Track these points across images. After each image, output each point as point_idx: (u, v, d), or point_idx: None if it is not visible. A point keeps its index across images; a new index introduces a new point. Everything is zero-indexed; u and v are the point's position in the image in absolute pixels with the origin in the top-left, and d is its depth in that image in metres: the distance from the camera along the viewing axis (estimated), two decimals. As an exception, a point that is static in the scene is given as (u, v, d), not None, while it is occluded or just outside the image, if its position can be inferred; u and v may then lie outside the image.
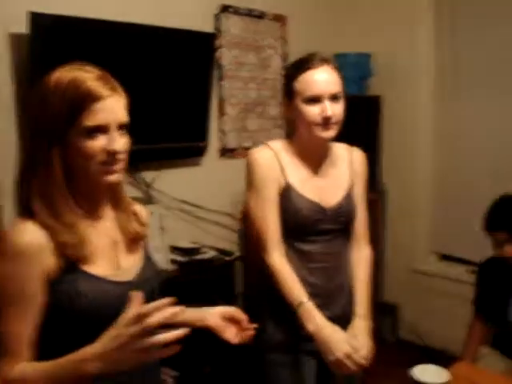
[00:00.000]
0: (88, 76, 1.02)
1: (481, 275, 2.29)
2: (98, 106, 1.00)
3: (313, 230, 1.61)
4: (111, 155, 1.02)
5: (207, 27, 2.86)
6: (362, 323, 1.61)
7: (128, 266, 1.13)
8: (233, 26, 3.00)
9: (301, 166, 1.64)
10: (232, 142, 3.10)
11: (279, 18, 3.26)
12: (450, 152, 3.34)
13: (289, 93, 1.59)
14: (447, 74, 3.30)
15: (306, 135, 1.60)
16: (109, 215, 1.14)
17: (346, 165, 1.71)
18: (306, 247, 1.62)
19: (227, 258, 2.75)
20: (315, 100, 1.53)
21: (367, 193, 1.79)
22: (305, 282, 1.58)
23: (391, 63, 3.42)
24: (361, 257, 1.75)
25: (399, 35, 3.39)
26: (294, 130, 1.65)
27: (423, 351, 3.24)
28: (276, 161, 1.61)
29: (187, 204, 2.86)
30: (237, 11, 3.02)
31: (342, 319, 1.62)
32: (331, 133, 1.56)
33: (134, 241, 1.16)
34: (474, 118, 3.19)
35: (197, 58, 2.70)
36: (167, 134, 2.68)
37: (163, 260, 2.49)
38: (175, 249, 2.64)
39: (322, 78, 1.53)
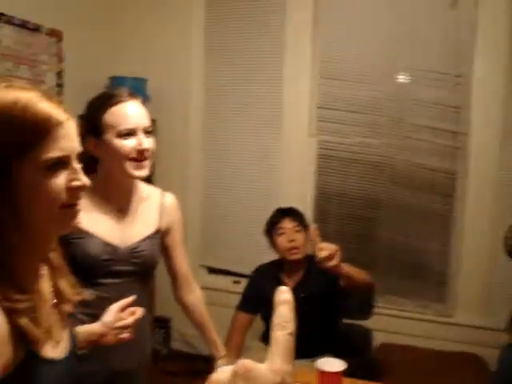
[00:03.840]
0: (35, 96, 0.82)
1: (251, 279, 2.64)
2: (59, 131, 0.83)
3: (101, 270, 1.50)
4: (76, 192, 0.85)
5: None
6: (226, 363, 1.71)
7: (63, 340, 0.98)
8: (5, 37, 2.85)
9: (99, 204, 1.54)
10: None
11: (55, 33, 3.20)
12: (218, 171, 3.70)
13: (95, 128, 1.48)
14: (215, 100, 3.65)
15: (114, 173, 1.52)
16: (44, 274, 0.95)
17: (156, 208, 1.65)
18: (96, 292, 1.48)
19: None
20: (129, 134, 1.47)
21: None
22: None
23: (165, 89, 3.63)
24: (197, 299, 1.80)
25: (173, 63, 3.64)
26: (96, 167, 1.56)
27: (194, 359, 3.49)
28: None
29: None
30: (10, 21, 2.87)
31: (125, 371, 1.57)
32: (145, 171, 1.51)
33: (65, 304, 1.00)
34: (236, 142, 3.61)
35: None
36: None
37: None
38: None
39: (135, 112, 1.49)
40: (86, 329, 1.32)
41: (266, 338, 2.46)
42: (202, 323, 1.81)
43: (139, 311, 1.32)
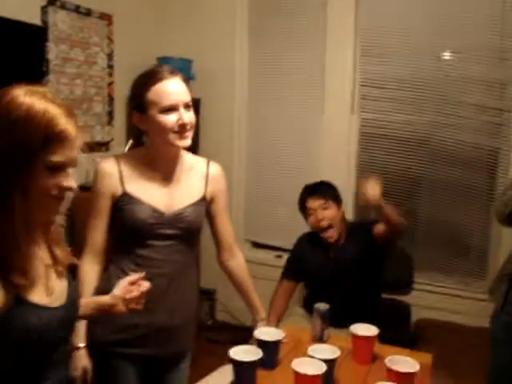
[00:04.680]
0: (59, 112, 1.05)
1: (295, 248, 2.73)
2: (68, 143, 1.06)
3: (149, 233, 1.63)
4: (64, 190, 1.08)
5: (33, 19, 2.82)
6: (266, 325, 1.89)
7: (59, 290, 1.17)
8: (60, 21, 3.00)
9: (147, 173, 1.67)
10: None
11: (105, 17, 3.34)
12: (261, 149, 3.80)
13: (140, 105, 1.60)
14: (258, 79, 3.75)
15: (159, 144, 1.64)
16: (40, 240, 1.17)
17: (201, 177, 1.76)
18: (145, 252, 1.64)
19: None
20: (171, 109, 1.57)
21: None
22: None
23: (210, 69, 3.74)
24: (239, 264, 1.91)
25: (218, 45, 3.74)
26: (143, 139, 1.69)
27: (238, 329, 3.64)
28: (116, 172, 1.64)
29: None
30: (64, 6, 3.02)
31: (169, 327, 1.70)
32: (188, 141, 1.62)
33: (59, 265, 1.19)
34: (279, 120, 3.70)
35: (25, 52, 2.68)
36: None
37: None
38: None
39: (176, 89, 1.59)
40: (96, 299, 1.47)
41: (308, 304, 2.56)
42: (243, 287, 1.92)
43: (145, 284, 1.43)
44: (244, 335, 2.51)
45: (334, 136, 3.50)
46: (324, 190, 2.60)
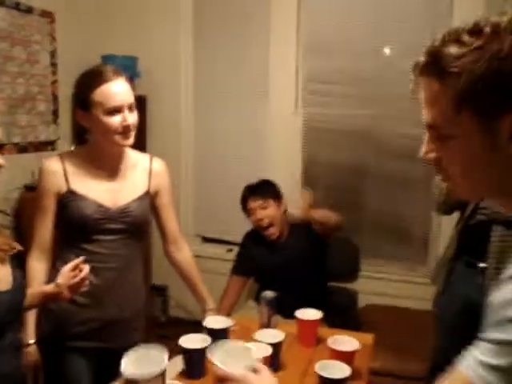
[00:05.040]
0: None
1: (242, 245, 2.79)
2: None
3: (95, 228, 1.66)
4: None
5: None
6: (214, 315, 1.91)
7: (4, 275, 1.22)
8: (0, 19, 2.95)
9: (92, 170, 1.70)
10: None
11: (47, 14, 3.29)
12: (208, 145, 3.84)
13: (84, 103, 1.63)
14: (204, 78, 3.78)
15: (103, 143, 1.68)
16: None
17: (145, 172, 1.81)
18: (91, 247, 1.67)
19: None
20: (116, 111, 1.61)
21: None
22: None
23: (155, 66, 3.74)
24: (185, 256, 1.97)
25: (163, 42, 3.74)
26: (86, 137, 1.73)
27: (191, 324, 3.66)
28: (61, 170, 1.67)
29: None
30: (3, 3, 2.97)
31: (120, 320, 1.75)
32: (131, 140, 1.67)
33: (3, 252, 1.23)
34: (225, 116, 3.74)
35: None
36: None
37: None
38: None
39: (120, 90, 1.62)
40: (41, 289, 1.51)
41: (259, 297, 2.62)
42: (190, 279, 1.98)
43: (86, 268, 1.48)
44: (197, 329, 2.54)
45: (280, 131, 3.58)
46: (263, 190, 2.66)
